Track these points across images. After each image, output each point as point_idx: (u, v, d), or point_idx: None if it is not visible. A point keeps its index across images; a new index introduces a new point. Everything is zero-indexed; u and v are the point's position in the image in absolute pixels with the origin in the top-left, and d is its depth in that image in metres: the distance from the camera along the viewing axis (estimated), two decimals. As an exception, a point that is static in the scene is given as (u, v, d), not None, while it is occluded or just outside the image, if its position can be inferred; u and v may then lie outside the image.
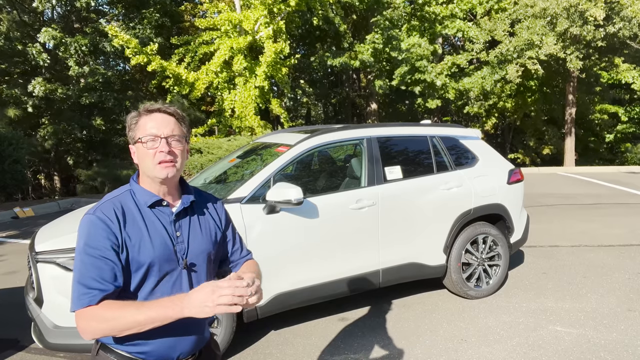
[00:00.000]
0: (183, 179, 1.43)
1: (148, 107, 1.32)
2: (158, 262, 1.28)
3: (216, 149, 10.48)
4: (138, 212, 1.30)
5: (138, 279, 1.28)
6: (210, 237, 1.42)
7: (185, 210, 1.37)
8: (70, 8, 14.54)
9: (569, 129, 17.98)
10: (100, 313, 1.18)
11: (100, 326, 1.18)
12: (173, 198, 1.37)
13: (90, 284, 1.20)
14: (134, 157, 1.34)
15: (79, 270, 1.22)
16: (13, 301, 4.24)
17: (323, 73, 20.93)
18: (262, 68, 11.58)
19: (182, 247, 1.33)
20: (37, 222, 8.35)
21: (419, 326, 3.56)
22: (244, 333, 3.48)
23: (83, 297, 1.19)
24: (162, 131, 1.29)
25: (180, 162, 1.32)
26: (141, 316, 1.15)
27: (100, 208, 1.28)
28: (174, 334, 1.30)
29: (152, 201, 1.32)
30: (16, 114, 13.80)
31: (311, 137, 3.60)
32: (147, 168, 1.30)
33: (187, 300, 1.14)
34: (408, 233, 3.73)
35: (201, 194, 1.49)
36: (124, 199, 1.32)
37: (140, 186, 1.34)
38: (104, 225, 1.24)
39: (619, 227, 6.54)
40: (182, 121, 1.35)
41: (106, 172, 14.18)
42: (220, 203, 1.54)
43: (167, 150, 1.28)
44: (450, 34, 17.57)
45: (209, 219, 1.45)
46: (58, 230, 3.17)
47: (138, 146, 1.30)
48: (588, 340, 3.24)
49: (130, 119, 1.33)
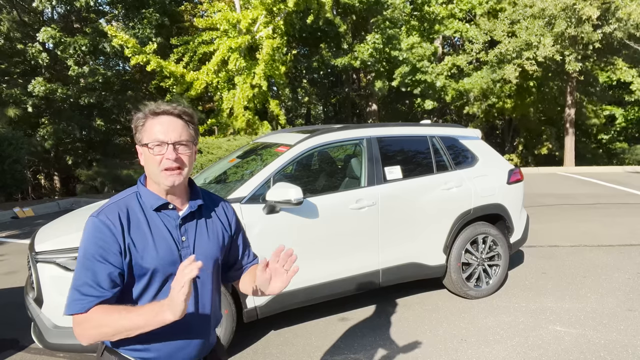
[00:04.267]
0: (192, 182, 1.38)
1: (154, 108, 1.26)
2: (162, 267, 1.25)
3: (216, 149, 10.48)
4: (143, 216, 1.26)
5: (142, 285, 1.25)
6: (217, 242, 1.38)
7: (193, 213, 1.33)
8: (70, 8, 14.52)
9: (568, 129, 17.98)
10: (93, 318, 1.16)
11: (95, 331, 1.16)
12: (181, 201, 1.33)
13: (86, 290, 1.17)
14: (140, 159, 1.30)
15: (77, 274, 1.20)
16: (13, 301, 4.23)
17: (324, 73, 20.94)
18: (260, 67, 11.58)
19: (187, 252, 1.29)
20: (37, 222, 8.34)
21: (419, 326, 3.56)
22: (244, 333, 3.48)
23: (77, 302, 1.17)
24: (169, 136, 1.24)
25: (187, 168, 1.28)
26: (127, 322, 1.13)
27: (105, 211, 1.24)
28: (178, 338, 1.27)
29: (158, 204, 1.28)
30: (16, 114, 13.79)
31: (311, 137, 3.60)
32: (153, 174, 1.27)
33: (165, 303, 1.10)
34: (408, 233, 3.73)
35: (211, 196, 1.44)
36: (130, 201, 1.28)
37: (147, 189, 1.30)
38: (107, 229, 1.20)
39: (618, 227, 6.54)
40: (190, 122, 1.29)
41: (106, 172, 14.19)
42: (230, 206, 1.49)
43: (174, 157, 1.23)
44: (448, 34, 17.59)
45: (217, 223, 1.41)
46: (58, 230, 3.17)
47: (144, 150, 1.26)
48: (588, 340, 3.24)
49: (137, 120, 1.28)
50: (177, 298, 1.05)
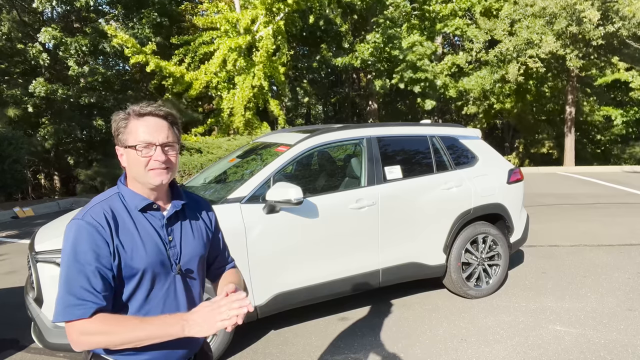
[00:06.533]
0: (174, 181, 1.37)
1: (138, 109, 1.23)
2: (151, 268, 1.24)
3: (216, 148, 10.48)
4: (128, 217, 1.24)
5: (132, 287, 1.23)
6: (202, 240, 1.38)
7: (177, 213, 1.32)
8: (70, 8, 14.52)
9: (568, 129, 17.97)
10: (95, 326, 1.13)
11: (95, 339, 1.14)
12: (163, 202, 1.32)
13: (82, 295, 1.14)
14: (121, 160, 1.28)
15: (68, 279, 1.15)
16: (13, 301, 4.24)
17: (325, 73, 20.93)
18: (260, 66, 11.57)
19: (174, 252, 1.29)
20: (37, 222, 8.35)
21: (419, 326, 3.56)
22: (244, 333, 3.48)
23: (74, 308, 1.13)
24: (157, 138, 1.22)
25: (175, 168, 1.28)
26: (142, 332, 1.12)
27: (90, 212, 1.21)
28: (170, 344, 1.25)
29: (143, 205, 1.26)
30: (16, 114, 13.79)
31: (311, 136, 3.60)
32: (138, 174, 1.24)
33: (188, 320, 1.12)
34: (408, 233, 3.73)
35: (191, 196, 1.43)
36: (113, 202, 1.25)
37: (130, 189, 1.28)
38: (95, 231, 1.17)
39: (618, 227, 6.54)
40: (174, 124, 1.28)
41: (106, 172, 14.18)
42: (209, 206, 1.49)
43: (164, 159, 1.23)
44: (449, 32, 17.58)
45: (200, 222, 1.40)
46: (58, 230, 3.16)
47: (129, 152, 1.23)
48: (588, 339, 3.24)
49: (119, 120, 1.25)
50: (216, 325, 1.10)
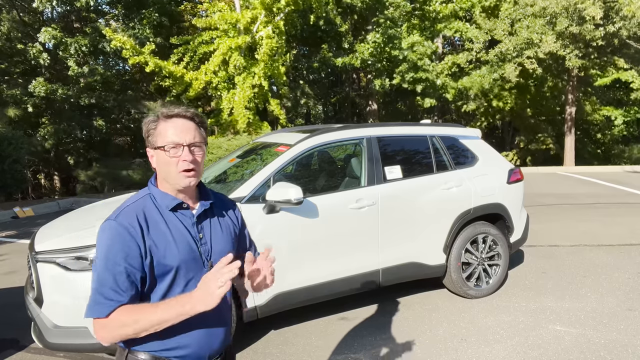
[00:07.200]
0: (201, 181, 1.43)
1: (167, 112, 1.31)
2: (184, 265, 1.29)
3: (216, 148, 10.48)
4: (160, 216, 1.30)
5: (167, 284, 1.28)
6: (230, 237, 1.44)
7: (205, 212, 1.38)
8: (70, 8, 14.52)
9: (569, 128, 17.97)
10: (118, 319, 1.19)
11: (120, 331, 1.19)
12: (192, 201, 1.37)
13: (108, 294, 1.20)
14: (152, 162, 1.34)
15: (99, 278, 1.22)
16: (13, 301, 4.23)
17: (325, 73, 20.93)
18: (260, 66, 11.56)
19: (205, 249, 1.34)
20: (37, 222, 8.34)
21: (419, 326, 3.56)
22: (244, 333, 3.48)
23: (100, 306, 1.19)
24: (184, 138, 1.28)
25: (201, 168, 1.33)
26: (154, 317, 1.17)
27: (122, 214, 1.27)
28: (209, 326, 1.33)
29: (174, 204, 1.32)
30: (16, 113, 13.79)
31: (311, 136, 3.60)
32: (169, 176, 1.30)
33: (193, 297, 1.17)
34: (408, 233, 3.73)
35: (217, 195, 1.50)
36: (145, 203, 1.31)
37: (160, 190, 1.34)
38: (126, 232, 1.23)
39: (618, 227, 6.54)
40: (201, 125, 1.34)
41: (106, 172, 14.19)
42: (235, 204, 1.56)
43: (191, 159, 1.28)
44: (449, 35, 17.58)
45: (227, 219, 1.47)
46: (58, 230, 3.17)
47: (159, 153, 1.29)
48: (588, 339, 3.24)
49: (149, 123, 1.32)
50: (215, 293, 1.13)
